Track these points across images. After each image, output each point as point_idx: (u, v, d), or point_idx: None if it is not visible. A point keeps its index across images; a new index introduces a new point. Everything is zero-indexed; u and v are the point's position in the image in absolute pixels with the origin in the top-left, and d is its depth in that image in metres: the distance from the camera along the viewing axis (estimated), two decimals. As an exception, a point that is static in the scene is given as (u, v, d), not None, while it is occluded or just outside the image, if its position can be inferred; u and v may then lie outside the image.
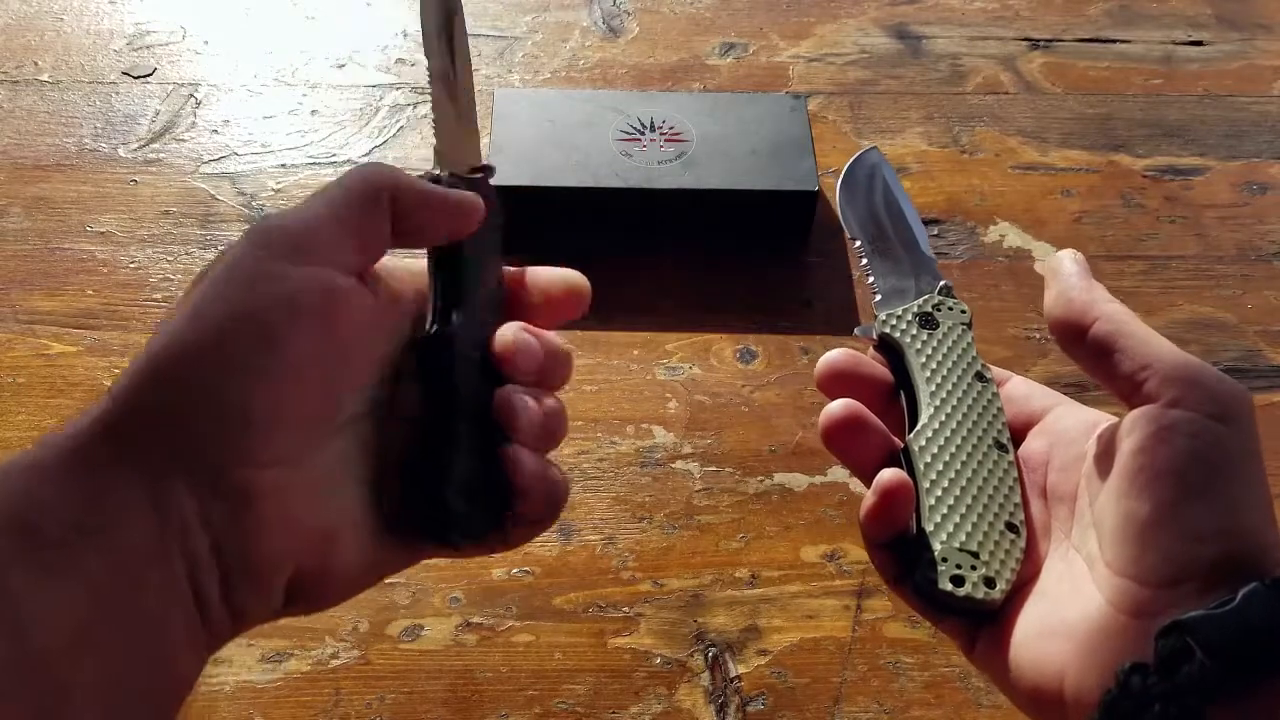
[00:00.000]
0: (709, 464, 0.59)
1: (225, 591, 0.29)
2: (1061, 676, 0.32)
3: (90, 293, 0.66)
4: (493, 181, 0.38)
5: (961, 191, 0.74)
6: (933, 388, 0.40)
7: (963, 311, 0.42)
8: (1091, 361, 0.36)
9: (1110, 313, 0.36)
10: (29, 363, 0.63)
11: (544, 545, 0.56)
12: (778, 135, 0.70)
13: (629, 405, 0.62)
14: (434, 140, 0.38)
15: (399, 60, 0.81)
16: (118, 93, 0.78)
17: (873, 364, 0.41)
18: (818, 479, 0.59)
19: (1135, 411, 0.33)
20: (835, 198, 0.45)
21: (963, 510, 0.36)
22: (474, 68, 0.80)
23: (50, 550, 0.26)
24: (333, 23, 0.84)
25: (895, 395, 0.41)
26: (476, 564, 0.55)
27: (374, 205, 0.33)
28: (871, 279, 0.45)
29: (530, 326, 0.36)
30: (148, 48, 0.81)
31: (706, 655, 0.53)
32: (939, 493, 0.37)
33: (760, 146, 0.69)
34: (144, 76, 0.79)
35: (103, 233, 0.69)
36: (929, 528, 0.36)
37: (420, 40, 0.38)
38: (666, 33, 0.84)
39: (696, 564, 0.56)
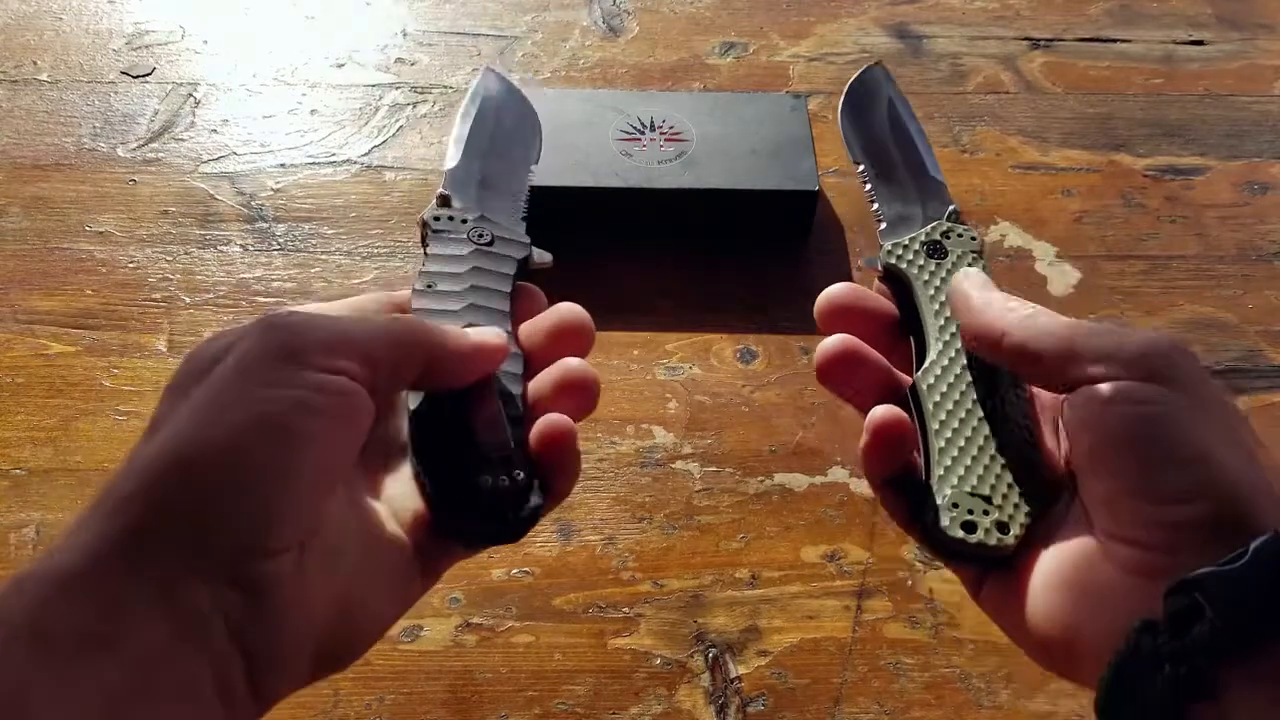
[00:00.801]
0: (709, 464, 0.59)
1: (251, 679, 0.29)
2: (1075, 631, 0.31)
3: (89, 293, 0.66)
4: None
5: (962, 191, 0.74)
6: (941, 321, 0.38)
7: (973, 238, 0.40)
8: (1022, 372, 0.35)
9: (1011, 323, 0.35)
10: (28, 363, 0.62)
11: (544, 545, 0.56)
12: (778, 135, 0.70)
13: (629, 405, 0.62)
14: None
15: (399, 60, 0.81)
16: (116, 92, 0.78)
17: (877, 298, 0.40)
18: (818, 479, 0.59)
19: (1073, 395, 0.32)
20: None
21: (974, 452, 0.35)
22: (474, 68, 0.80)
23: (66, 661, 0.26)
24: (332, 23, 0.84)
25: (903, 331, 0.39)
26: (476, 564, 0.55)
27: (404, 366, 0.34)
28: (876, 206, 0.42)
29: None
30: (147, 47, 0.81)
31: (706, 656, 0.53)
32: (949, 434, 0.35)
33: (760, 146, 0.69)
34: (143, 76, 0.79)
35: (102, 232, 0.69)
36: (939, 471, 0.34)
37: (421, 40, 0.38)
38: (666, 32, 0.84)
39: (696, 564, 0.56)
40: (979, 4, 0.88)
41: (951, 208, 0.41)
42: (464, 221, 0.41)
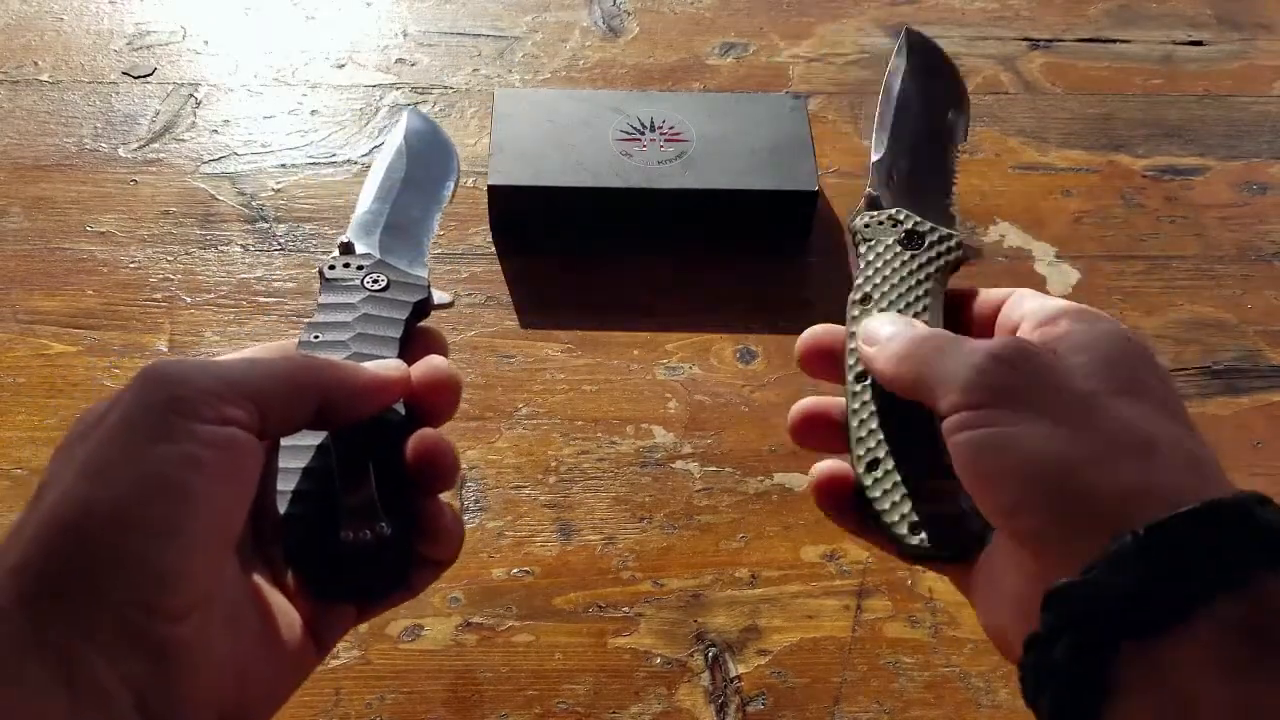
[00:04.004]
0: (709, 464, 0.59)
1: None
2: (1005, 631, 0.31)
3: (90, 293, 0.66)
4: (492, 181, 0.39)
5: (961, 191, 0.73)
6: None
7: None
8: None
9: (873, 356, 0.36)
10: (29, 363, 0.63)
11: (544, 545, 0.56)
12: (778, 135, 0.70)
13: (629, 405, 0.62)
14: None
15: (399, 60, 0.81)
16: (118, 93, 0.78)
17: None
18: (818, 479, 0.59)
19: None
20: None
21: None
22: (474, 68, 0.81)
23: None
24: (333, 23, 0.84)
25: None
26: (476, 564, 0.55)
27: (297, 405, 0.33)
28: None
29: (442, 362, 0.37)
30: (148, 48, 0.81)
31: (706, 655, 0.53)
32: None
33: (760, 146, 0.69)
34: (144, 76, 0.79)
35: (103, 233, 0.69)
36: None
37: (421, 40, 0.38)
38: (666, 33, 0.84)
39: (696, 564, 0.56)
40: (979, 4, 0.88)
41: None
42: (360, 268, 0.41)
